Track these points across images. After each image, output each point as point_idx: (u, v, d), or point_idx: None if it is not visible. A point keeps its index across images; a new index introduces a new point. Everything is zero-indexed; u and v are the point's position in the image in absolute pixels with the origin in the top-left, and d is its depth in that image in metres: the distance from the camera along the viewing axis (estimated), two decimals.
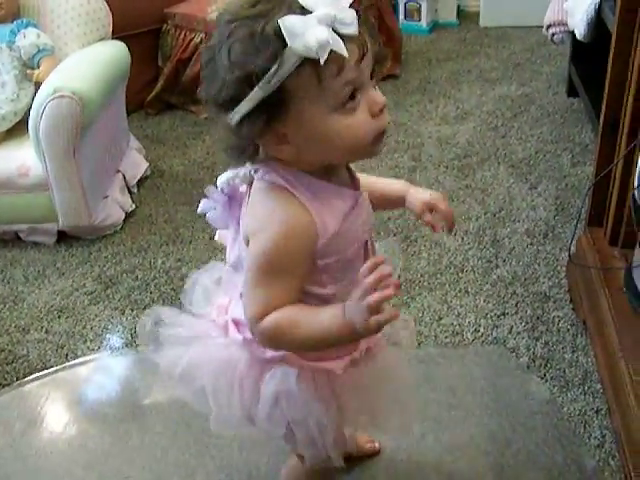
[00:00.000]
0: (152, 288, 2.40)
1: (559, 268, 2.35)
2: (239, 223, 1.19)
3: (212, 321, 1.34)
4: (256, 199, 1.13)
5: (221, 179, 1.18)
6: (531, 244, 2.47)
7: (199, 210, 1.23)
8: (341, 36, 0.96)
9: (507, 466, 1.74)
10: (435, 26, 4.53)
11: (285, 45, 0.95)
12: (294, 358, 1.24)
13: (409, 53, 4.11)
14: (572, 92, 3.41)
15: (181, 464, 1.80)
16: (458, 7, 4.59)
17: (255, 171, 1.12)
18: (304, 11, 0.95)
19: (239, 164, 1.14)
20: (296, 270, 1.12)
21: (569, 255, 2.26)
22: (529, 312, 2.18)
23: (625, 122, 1.92)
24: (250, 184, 1.15)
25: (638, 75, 1.82)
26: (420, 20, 4.38)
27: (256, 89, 0.98)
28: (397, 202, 1.36)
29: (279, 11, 0.96)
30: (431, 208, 1.33)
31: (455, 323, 2.17)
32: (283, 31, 0.94)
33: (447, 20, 4.56)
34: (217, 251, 2.53)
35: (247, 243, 1.14)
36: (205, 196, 1.22)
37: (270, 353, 1.24)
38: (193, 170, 3.10)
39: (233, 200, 1.20)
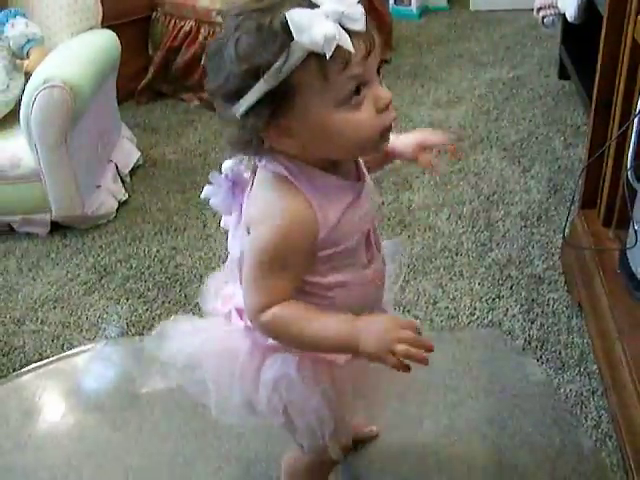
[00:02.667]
0: (147, 277, 2.40)
1: (553, 250, 2.35)
2: (242, 209, 1.19)
3: (214, 309, 1.34)
4: (258, 188, 1.13)
5: (226, 165, 1.18)
6: (525, 227, 2.48)
7: (202, 195, 1.23)
8: (348, 31, 0.96)
9: (504, 448, 1.75)
10: (425, 11, 4.52)
11: (292, 39, 0.94)
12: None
13: (400, 38, 4.10)
14: (563, 74, 3.41)
15: (180, 452, 1.81)
16: None
17: (259, 160, 1.12)
18: (312, 5, 0.95)
19: (244, 156, 1.14)
20: (296, 263, 1.12)
21: (564, 237, 2.27)
22: (524, 294, 2.19)
23: (617, 103, 1.92)
24: (254, 172, 1.15)
25: (629, 56, 1.82)
26: (410, 5, 4.37)
27: (261, 81, 0.97)
28: (387, 157, 1.34)
29: (287, 5, 0.95)
30: (424, 146, 1.31)
31: (450, 307, 2.17)
32: (290, 25, 0.94)
33: (437, 4, 4.55)
34: (211, 239, 2.54)
35: (248, 231, 1.13)
36: (208, 182, 1.21)
37: (272, 340, 1.24)
38: (185, 158, 3.09)
39: (236, 186, 1.20)
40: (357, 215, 1.15)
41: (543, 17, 3.19)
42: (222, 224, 1.35)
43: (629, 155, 1.87)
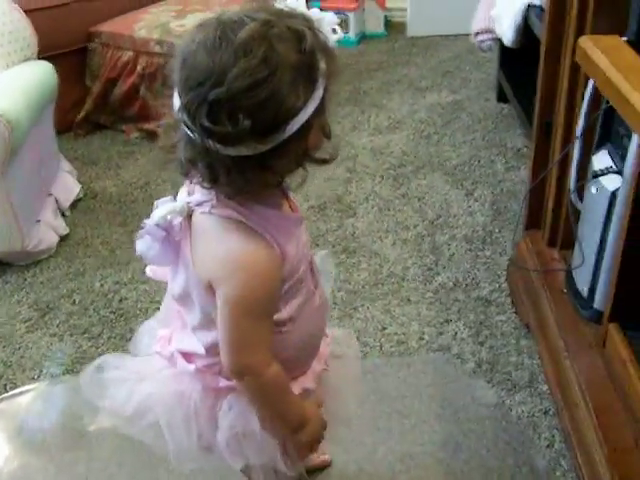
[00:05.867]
0: (91, 312, 2.35)
1: (499, 272, 2.37)
2: (178, 256, 1.15)
3: (157, 353, 1.31)
4: (209, 238, 1.10)
5: (158, 214, 1.11)
6: (470, 250, 2.49)
7: (137, 251, 1.17)
8: None
9: (460, 472, 1.75)
10: (363, 37, 4.55)
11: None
12: None
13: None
14: (502, 98, 3.45)
15: None
16: (385, 18, 4.61)
17: (199, 204, 1.09)
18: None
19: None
20: (274, 304, 1.12)
21: (510, 259, 2.29)
22: (472, 318, 2.19)
23: (558, 125, 1.95)
24: (188, 217, 1.12)
25: (569, 79, 1.85)
26: (348, 32, 4.40)
27: (311, 101, 0.98)
28: None
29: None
30: None
31: (399, 332, 2.17)
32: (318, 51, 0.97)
33: (375, 31, 4.58)
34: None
35: (207, 286, 1.10)
36: (140, 235, 1.16)
37: (223, 382, 1.22)
38: (127, 191, 3.04)
39: (169, 234, 1.14)
40: (301, 244, 1.15)
41: (481, 42, 3.24)
42: (148, 272, 1.32)
43: (572, 177, 1.90)
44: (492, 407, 1.90)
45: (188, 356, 1.25)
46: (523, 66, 3.09)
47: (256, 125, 0.94)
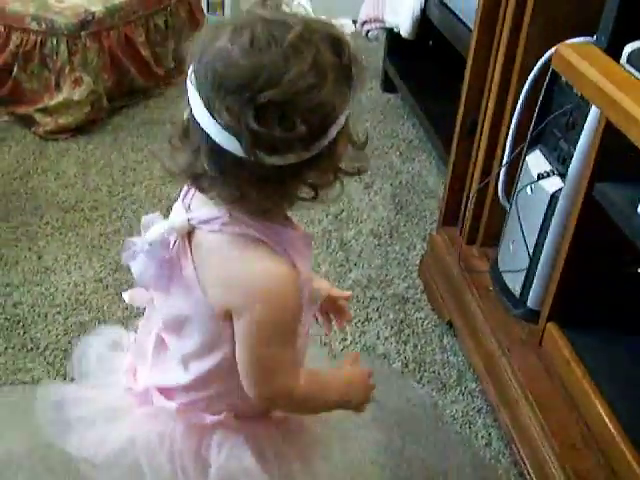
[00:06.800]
0: None
1: (411, 268, 2.37)
2: (172, 278, 1.05)
3: (127, 390, 1.21)
4: (225, 257, 1.01)
5: (154, 231, 1.02)
6: (379, 245, 2.48)
7: (134, 274, 1.06)
8: None
9: (404, 476, 1.73)
10: None
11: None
12: (231, 421, 1.15)
13: None
14: (387, 87, 3.46)
15: None
16: None
17: (204, 222, 1.01)
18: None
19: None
20: (299, 323, 1.04)
21: (423, 255, 2.29)
22: (392, 316, 2.18)
23: (486, 125, 1.95)
24: (187, 235, 1.03)
25: (500, 78, 1.86)
26: (223, 14, 4.29)
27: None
28: None
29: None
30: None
31: (320, 334, 2.12)
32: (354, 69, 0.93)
33: None
34: (50, 272, 2.33)
35: (221, 313, 1.02)
36: (131, 255, 1.04)
37: (210, 418, 1.14)
38: (4, 182, 2.82)
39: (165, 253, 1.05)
40: (309, 265, 1.09)
41: (368, 30, 3.23)
42: (127, 299, 1.22)
43: (501, 178, 1.92)
44: (426, 408, 1.90)
45: (167, 392, 1.16)
46: (412, 56, 3.12)
47: (308, 130, 0.89)
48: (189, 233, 1.03)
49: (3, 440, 1.76)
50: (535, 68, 1.74)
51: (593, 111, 1.54)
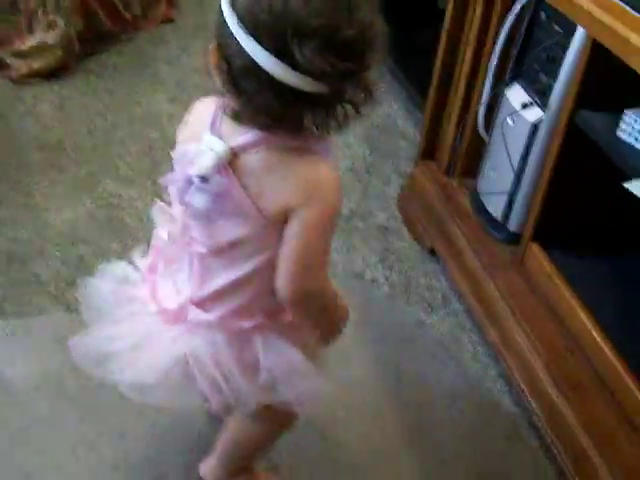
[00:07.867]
0: None
1: (389, 201, 2.49)
2: (223, 209, 1.13)
3: (160, 312, 1.26)
4: (277, 169, 1.08)
5: (203, 164, 1.08)
6: (358, 180, 2.59)
7: (197, 206, 1.14)
8: None
9: (404, 390, 1.85)
10: None
11: None
12: (268, 323, 1.23)
13: None
14: None
15: (76, 442, 1.66)
16: None
17: (244, 147, 1.08)
18: None
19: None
20: None
21: (403, 187, 2.41)
22: (376, 245, 2.31)
23: (465, 62, 2.07)
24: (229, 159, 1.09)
25: (482, 16, 1.97)
26: None
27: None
28: None
29: None
30: None
31: None
32: None
33: None
34: (41, 210, 2.33)
35: (277, 220, 1.10)
36: (182, 189, 1.13)
37: (247, 323, 1.21)
38: None
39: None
40: None
41: None
42: (156, 213, 1.29)
43: (481, 111, 2.04)
44: (416, 327, 2.03)
45: (203, 304, 1.22)
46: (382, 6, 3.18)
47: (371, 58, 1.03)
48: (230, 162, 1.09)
49: (17, 369, 1.83)
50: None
51: (577, 39, 1.66)
